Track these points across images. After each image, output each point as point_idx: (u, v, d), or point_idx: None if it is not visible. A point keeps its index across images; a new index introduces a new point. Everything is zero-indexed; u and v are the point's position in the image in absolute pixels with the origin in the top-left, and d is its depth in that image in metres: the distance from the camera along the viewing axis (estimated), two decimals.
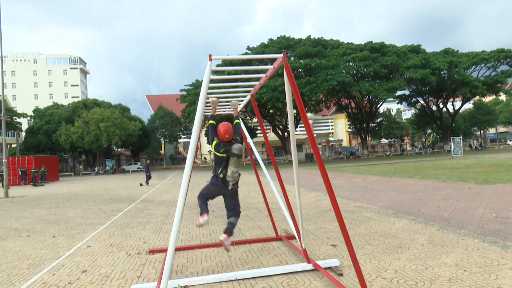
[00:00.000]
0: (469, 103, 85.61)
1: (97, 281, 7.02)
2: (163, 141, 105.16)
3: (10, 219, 15.98)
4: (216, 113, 8.05)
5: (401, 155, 77.94)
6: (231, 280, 6.60)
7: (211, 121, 7.27)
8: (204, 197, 7.27)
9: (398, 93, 74.56)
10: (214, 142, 7.05)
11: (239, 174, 7.02)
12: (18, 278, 7.48)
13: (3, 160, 31.70)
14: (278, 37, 66.75)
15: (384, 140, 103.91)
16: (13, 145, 76.88)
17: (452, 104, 78.50)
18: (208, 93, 7.79)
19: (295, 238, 8.52)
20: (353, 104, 77.75)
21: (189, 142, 8.63)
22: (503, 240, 8.10)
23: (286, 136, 72.54)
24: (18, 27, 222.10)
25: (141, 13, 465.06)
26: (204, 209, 7.09)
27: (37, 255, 9.29)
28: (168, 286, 6.12)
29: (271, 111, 68.39)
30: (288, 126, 7.02)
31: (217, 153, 6.99)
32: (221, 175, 6.97)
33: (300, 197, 7.23)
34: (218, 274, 6.81)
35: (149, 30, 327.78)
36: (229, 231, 6.92)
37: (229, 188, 7.03)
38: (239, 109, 9.57)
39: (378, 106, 78.81)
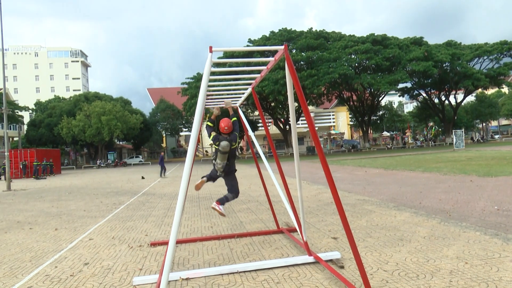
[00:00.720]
0: (472, 95, 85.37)
1: (99, 273, 7.05)
2: (164, 134, 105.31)
3: (12, 212, 16.03)
4: (216, 106, 8.40)
5: (403, 148, 77.83)
6: (233, 273, 6.62)
7: (207, 123, 8.09)
8: (210, 176, 8.12)
9: (400, 85, 74.46)
10: (212, 136, 7.85)
11: (226, 164, 7.81)
12: (21, 270, 7.51)
13: (5, 154, 31.66)
14: (279, 30, 66.71)
15: (385, 133, 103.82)
16: (15, 138, 76.86)
17: (455, 97, 78.39)
18: (209, 86, 7.78)
19: (296, 231, 8.54)
20: (354, 97, 77.66)
21: (190, 135, 8.72)
22: (504, 232, 8.10)
23: (287, 129, 72.46)
24: (19, 20, 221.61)
25: (143, 7, 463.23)
26: (205, 176, 8.09)
27: (39, 248, 9.32)
28: (170, 278, 6.15)
29: (272, 104, 68.37)
30: (290, 119, 7.00)
31: (215, 146, 7.75)
32: (213, 164, 7.93)
33: (301, 190, 7.23)
34: (220, 267, 6.83)
35: (151, 23, 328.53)
36: (220, 200, 7.70)
37: (218, 174, 7.92)
38: (239, 102, 9.60)
39: (380, 99, 78.73)
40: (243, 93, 8.94)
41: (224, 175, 7.96)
